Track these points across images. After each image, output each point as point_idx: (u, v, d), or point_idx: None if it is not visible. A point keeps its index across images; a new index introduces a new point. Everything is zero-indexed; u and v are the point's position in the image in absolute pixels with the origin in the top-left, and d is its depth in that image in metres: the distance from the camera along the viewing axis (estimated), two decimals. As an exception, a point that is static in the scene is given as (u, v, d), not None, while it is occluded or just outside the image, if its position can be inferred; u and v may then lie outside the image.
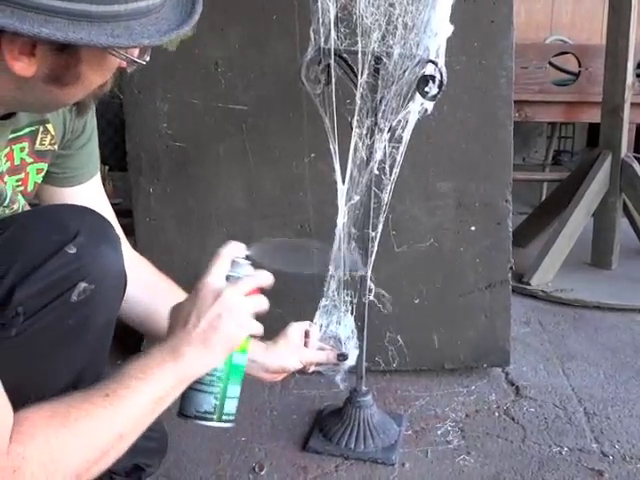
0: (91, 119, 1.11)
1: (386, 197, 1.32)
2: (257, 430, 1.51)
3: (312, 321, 1.35)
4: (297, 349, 1.27)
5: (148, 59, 0.85)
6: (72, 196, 1.12)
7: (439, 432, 1.50)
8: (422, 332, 1.69)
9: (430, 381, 1.70)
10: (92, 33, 0.72)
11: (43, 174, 1.07)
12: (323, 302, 1.37)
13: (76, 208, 1.02)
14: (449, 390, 1.67)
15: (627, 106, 2.39)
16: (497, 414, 1.57)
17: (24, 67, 0.76)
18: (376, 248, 1.37)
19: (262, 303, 1.01)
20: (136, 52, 0.83)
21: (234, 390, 1.00)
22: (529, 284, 2.30)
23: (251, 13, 1.53)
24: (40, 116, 1.00)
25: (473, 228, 1.63)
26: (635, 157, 2.49)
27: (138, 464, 1.25)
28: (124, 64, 0.84)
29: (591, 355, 1.87)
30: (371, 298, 1.41)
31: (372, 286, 1.40)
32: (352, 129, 1.27)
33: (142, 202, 1.64)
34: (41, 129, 1.01)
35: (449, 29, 1.20)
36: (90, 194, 1.14)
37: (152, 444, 1.29)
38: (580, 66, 2.77)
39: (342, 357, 1.33)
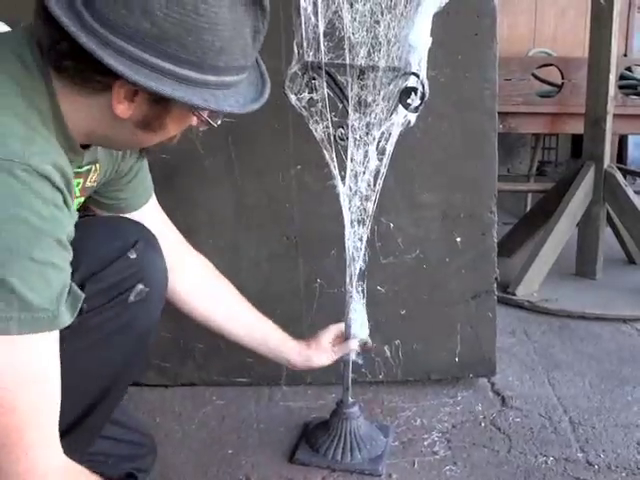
0: (139, 162, 1.22)
1: (371, 209, 1.33)
2: (244, 442, 1.50)
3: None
4: (325, 351, 1.41)
5: (219, 123, 0.98)
6: None
7: (426, 443, 1.50)
8: (408, 343, 1.69)
9: (417, 392, 1.71)
10: (188, 93, 0.86)
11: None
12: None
13: (130, 219, 1.16)
14: (436, 401, 1.67)
15: (609, 118, 2.42)
16: (483, 424, 1.57)
17: (124, 110, 0.89)
18: (362, 260, 1.37)
19: None
20: (206, 114, 0.96)
21: None
22: (514, 294, 2.31)
23: (236, 26, 1.54)
24: (95, 156, 1.06)
25: (458, 239, 1.64)
26: (618, 168, 2.52)
27: (130, 472, 1.28)
28: (194, 123, 0.98)
29: (576, 365, 1.88)
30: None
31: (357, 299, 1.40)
32: (337, 142, 1.28)
33: (128, 214, 1.64)
34: (93, 168, 1.07)
35: (429, 42, 1.22)
36: (145, 219, 1.20)
37: (143, 451, 1.34)
38: (563, 78, 2.80)
39: (364, 345, 1.43)
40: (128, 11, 0.81)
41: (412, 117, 1.26)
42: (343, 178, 1.31)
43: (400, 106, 1.24)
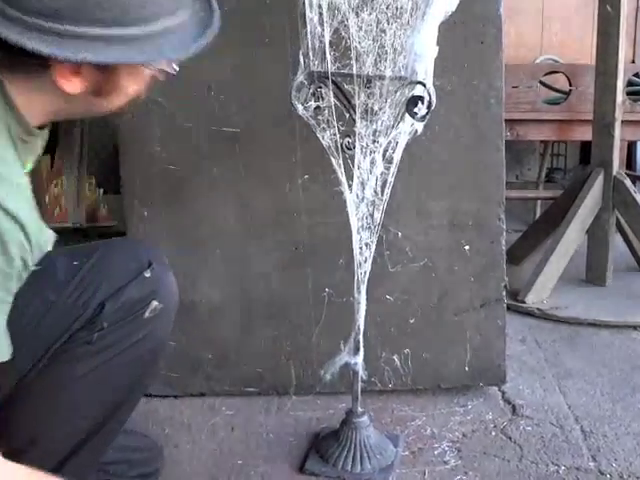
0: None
1: (379, 217, 1.33)
2: (253, 453, 1.50)
3: None
4: None
5: (177, 69, 0.98)
6: None
7: (436, 452, 1.49)
8: (418, 352, 1.68)
9: (426, 401, 1.70)
10: (125, 53, 0.86)
11: None
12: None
13: (143, 241, 1.27)
14: (446, 410, 1.66)
15: (618, 124, 2.41)
16: (494, 433, 1.56)
17: (73, 86, 0.89)
18: (370, 268, 1.37)
19: None
20: (164, 63, 0.95)
21: None
22: (524, 302, 2.30)
23: (243, 37, 1.54)
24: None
25: (467, 247, 1.64)
26: (627, 174, 2.51)
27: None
28: (157, 74, 0.98)
29: (587, 372, 1.87)
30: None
31: (365, 307, 1.40)
32: (344, 152, 1.29)
33: (136, 225, 1.64)
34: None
35: (435, 51, 1.22)
36: None
37: (152, 454, 1.39)
38: (570, 85, 2.79)
39: None
40: None
41: (419, 126, 1.27)
42: (350, 186, 1.31)
43: (407, 115, 1.24)
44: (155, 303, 1.11)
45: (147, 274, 1.11)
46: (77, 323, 1.06)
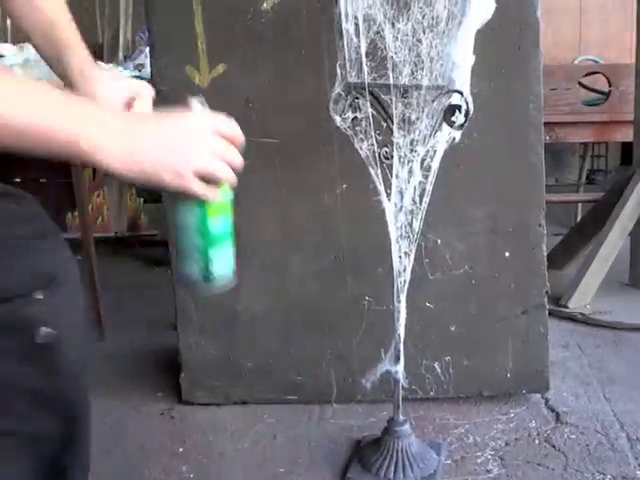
0: None
1: (417, 226, 1.33)
2: (295, 461, 1.51)
3: None
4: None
5: None
6: None
7: (479, 461, 1.48)
8: (459, 359, 1.68)
9: (469, 409, 1.69)
10: None
11: None
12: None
13: (61, 244, 0.93)
14: (488, 418, 1.65)
15: (660, 124, 2.37)
16: (537, 441, 1.55)
17: None
18: (409, 276, 1.37)
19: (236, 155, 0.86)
20: None
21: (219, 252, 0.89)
22: (567, 307, 2.27)
23: (280, 49, 1.56)
24: None
25: (507, 254, 1.63)
26: (670, 175, 2.46)
27: None
28: None
29: (632, 379, 1.83)
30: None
31: (405, 315, 1.40)
32: (382, 161, 1.29)
33: (177, 236, 1.67)
34: None
35: (472, 59, 1.22)
36: None
37: None
38: (610, 85, 2.76)
39: None
40: None
41: (457, 134, 1.26)
42: (389, 195, 1.31)
43: (444, 123, 1.24)
44: (45, 329, 0.86)
45: (39, 295, 0.85)
46: None
